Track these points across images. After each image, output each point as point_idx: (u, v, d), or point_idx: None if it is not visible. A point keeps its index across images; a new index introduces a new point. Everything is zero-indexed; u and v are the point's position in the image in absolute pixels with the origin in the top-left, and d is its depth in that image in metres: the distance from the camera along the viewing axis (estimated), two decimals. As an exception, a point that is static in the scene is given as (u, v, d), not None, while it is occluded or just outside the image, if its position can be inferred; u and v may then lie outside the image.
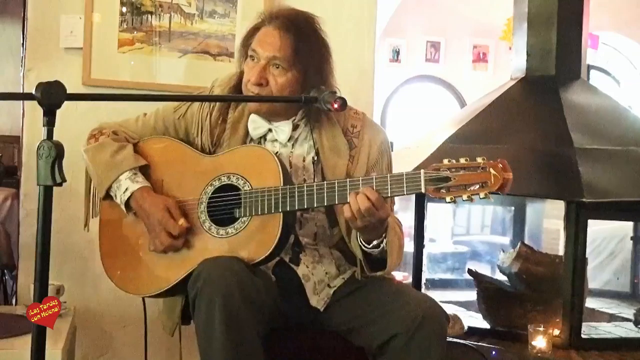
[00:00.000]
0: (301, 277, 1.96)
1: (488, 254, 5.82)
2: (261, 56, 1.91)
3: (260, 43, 1.92)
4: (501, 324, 3.03)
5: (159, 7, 2.73)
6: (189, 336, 2.01)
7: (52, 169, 1.32)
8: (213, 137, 2.00)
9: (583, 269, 2.88)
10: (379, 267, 1.87)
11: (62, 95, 1.35)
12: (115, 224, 2.00)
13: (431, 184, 1.67)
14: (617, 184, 2.88)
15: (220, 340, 1.68)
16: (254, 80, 1.91)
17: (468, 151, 3.03)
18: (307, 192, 1.79)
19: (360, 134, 2.01)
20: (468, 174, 1.65)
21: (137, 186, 1.92)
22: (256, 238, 1.83)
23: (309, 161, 2.00)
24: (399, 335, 1.78)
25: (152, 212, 1.89)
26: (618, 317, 3.39)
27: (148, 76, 2.72)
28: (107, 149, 1.97)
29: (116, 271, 1.98)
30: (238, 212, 1.86)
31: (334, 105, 1.78)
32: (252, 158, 1.90)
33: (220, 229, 1.87)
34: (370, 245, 1.83)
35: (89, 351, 2.71)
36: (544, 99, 3.23)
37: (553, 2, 3.24)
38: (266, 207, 1.81)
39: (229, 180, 1.90)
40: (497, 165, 1.65)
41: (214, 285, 1.70)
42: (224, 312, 1.68)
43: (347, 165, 1.97)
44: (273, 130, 1.98)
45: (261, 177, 1.85)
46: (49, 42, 2.66)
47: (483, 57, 7.20)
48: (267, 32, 1.92)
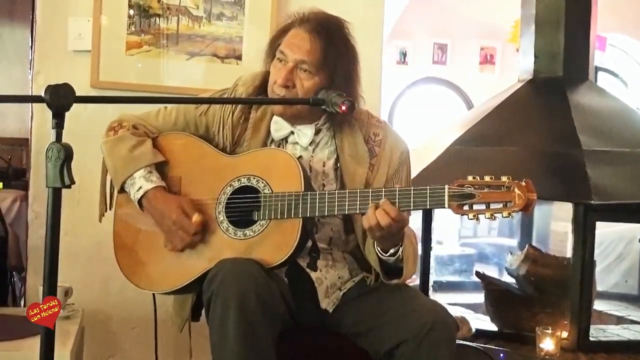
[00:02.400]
0: (314, 281, 1.95)
1: (495, 256, 5.81)
2: (289, 58, 1.89)
3: (289, 45, 1.91)
4: (509, 326, 3.02)
5: (167, 9, 2.73)
6: (199, 332, 2.01)
7: (61, 171, 1.33)
8: (234, 136, 1.99)
9: (591, 272, 2.87)
10: (395, 275, 1.86)
11: (70, 97, 1.35)
12: (130, 218, 1.99)
13: (455, 200, 1.67)
14: (625, 186, 2.87)
15: (234, 343, 1.67)
16: (280, 82, 1.89)
17: (475, 153, 3.06)
18: (328, 199, 1.78)
19: (382, 143, 2.00)
20: (492, 193, 1.66)
21: (150, 186, 1.91)
22: (274, 242, 1.82)
23: (329, 166, 1.99)
24: (407, 341, 1.78)
25: (166, 213, 1.88)
26: (626, 320, 3.38)
27: (156, 79, 2.73)
28: (126, 142, 1.95)
29: (130, 266, 1.97)
30: (257, 214, 1.85)
31: (341, 108, 1.78)
32: (273, 161, 1.89)
33: (238, 230, 1.86)
34: (387, 254, 1.83)
35: (98, 353, 2.72)
36: (552, 101, 3.22)
37: (560, 4, 3.23)
38: (286, 211, 1.80)
39: (248, 182, 1.89)
40: (522, 185, 1.65)
41: (230, 287, 1.69)
42: (239, 315, 1.67)
43: (367, 173, 1.96)
44: (295, 133, 1.97)
45: (282, 181, 1.84)
46: (57, 44, 2.67)
47: (490, 59, 7.19)
48: (297, 34, 1.91)
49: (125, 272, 1.97)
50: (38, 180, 2.65)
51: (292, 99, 1.91)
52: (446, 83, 7.25)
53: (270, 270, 1.81)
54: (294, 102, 1.92)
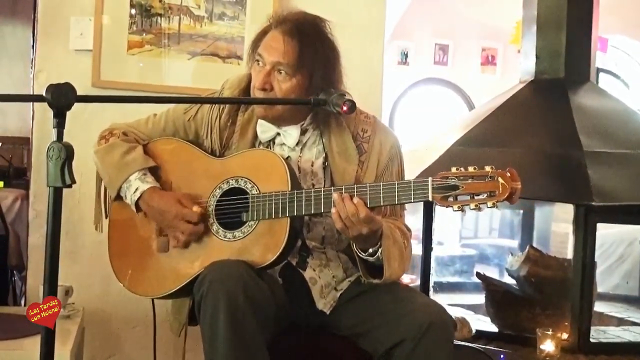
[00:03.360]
0: (308, 281, 1.96)
1: (496, 257, 5.80)
2: (266, 61, 1.90)
3: (265, 48, 1.91)
4: (509, 327, 3.02)
5: (169, 9, 2.74)
6: (196, 337, 2.01)
7: (62, 170, 1.32)
8: (222, 139, 2.00)
9: (592, 273, 2.87)
10: (380, 275, 1.85)
11: (72, 96, 1.35)
12: (125, 225, 2.01)
13: (439, 192, 1.67)
14: (626, 187, 2.87)
15: (224, 343, 1.68)
16: (258, 86, 1.90)
17: (477, 154, 3.05)
18: (314, 197, 1.78)
19: (371, 139, 2.00)
20: (476, 183, 1.65)
21: (146, 186, 1.93)
22: (263, 242, 1.82)
23: (318, 166, 1.99)
24: (405, 341, 1.78)
25: (166, 209, 1.89)
26: (627, 321, 3.38)
27: (157, 78, 2.73)
28: (117, 149, 1.97)
29: (125, 273, 1.98)
30: (245, 215, 1.86)
31: (342, 108, 1.77)
32: (260, 162, 1.90)
33: (227, 232, 1.87)
34: (365, 253, 1.83)
35: (98, 352, 2.72)
36: (553, 102, 3.22)
37: (562, 5, 3.23)
38: (273, 211, 1.81)
39: (237, 183, 1.89)
40: (506, 174, 1.65)
41: (219, 288, 1.70)
42: (228, 315, 1.68)
43: (357, 170, 1.96)
44: (281, 134, 1.98)
45: (269, 181, 1.85)
46: (59, 43, 2.67)
47: (491, 60, 7.18)
48: (273, 36, 1.91)
49: (120, 279, 1.99)
50: (39, 180, 2.66)
51: (294, 99, 1.91)
52: (447, 84, 7.24)
53: (261, 270, 1.81)
54: (294, 102, 1.93)
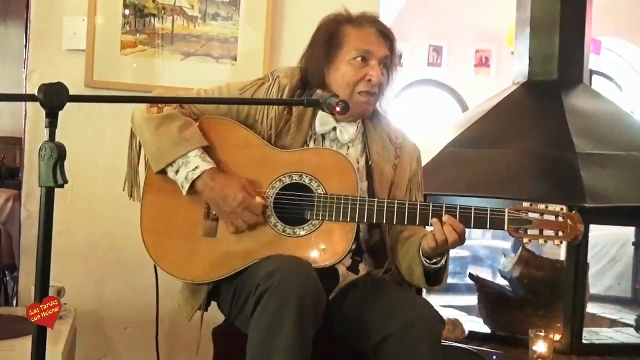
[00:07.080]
0: (340, 276, 1.96)
1: (489, 259, 5.82)
2: (376, 56, 1.94)
3: (372, 44, 1.95)
4: (502, 328, 3.02)
5: (162, 9, 2.73)
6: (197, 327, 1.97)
7: (54, 170, 1.32)
8: (277, 127, 1.96)
9: (584, 274, 2.87)
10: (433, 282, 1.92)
11: (64, 96, 1.34)
12: (163, 201, 1.92)
13: (513, 224, 1.79)
14: (619, 189, 2.87)
15: (289, 337, 1.65)
16: (376, 80, 1.93)
17: (470, 155, 3.06)
18: (387, 208, 1.82)
19: (402, 146, 2.07)
20: (547, 221, 1.80)
21: (208, 166, 1.86)
22: (326, 244, 1.83)
23: (361, 164, 2.01)
24: (391, 336, 1.78)
25: (230, 194, 1.84)
26: (619, 323, 3.39)
27: (150, 78, 2.73)
28: (175, 122, 1.88)
29: (159, 250, 1.91)
30: (309, 213, 1.84)
31: (336, 109, 1.77)
32: (328, 162, 1.89)
33: (287, 227, 1.85)
34: (431, 261, 1.88)
35: (90, 353, 2.71)
36: (546, 104, 3.23)
37: (556, 7, 3.23)
38: (341, 214, 1.82)
39: (300, 179, 1.88)
40: (574, 216, 1.78)
41: (292, 285, 1.68)
42: (297, 312, 1.66)
43: (392, 173, 2.01)
44: (338, 129, 1.98)
45: (337, 182, 1.85)
46: (52, 43, 2.66)
47: (485, 62, 7.21)
48: (371, 33, 1.96)
49: (152, 255, 1.91)
50: (31, 180, 2.65)
51: (285, 99, 1.93)
52: (441, 85, 7.26)
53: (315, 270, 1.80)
54: (289, 102, 1.93)
